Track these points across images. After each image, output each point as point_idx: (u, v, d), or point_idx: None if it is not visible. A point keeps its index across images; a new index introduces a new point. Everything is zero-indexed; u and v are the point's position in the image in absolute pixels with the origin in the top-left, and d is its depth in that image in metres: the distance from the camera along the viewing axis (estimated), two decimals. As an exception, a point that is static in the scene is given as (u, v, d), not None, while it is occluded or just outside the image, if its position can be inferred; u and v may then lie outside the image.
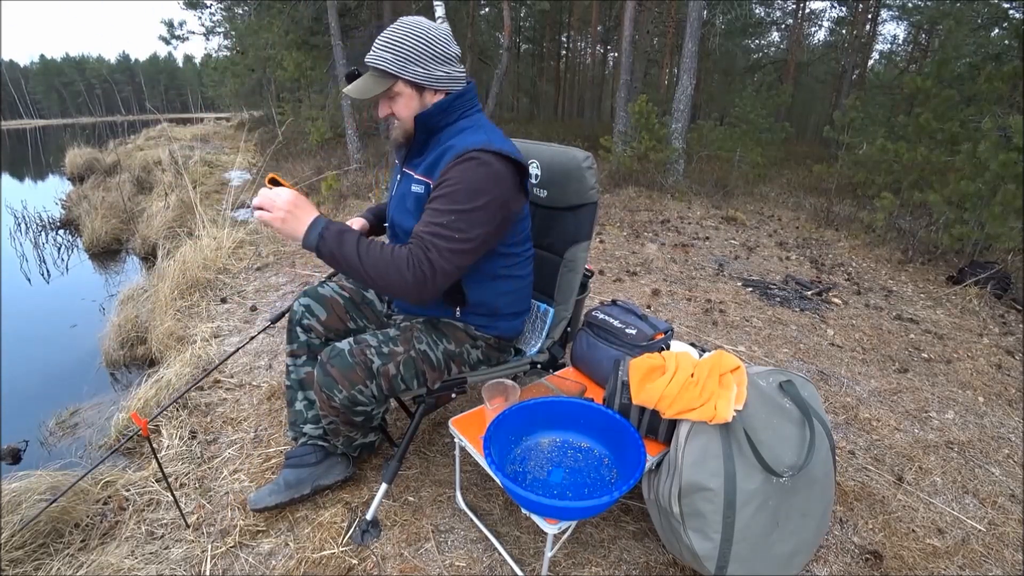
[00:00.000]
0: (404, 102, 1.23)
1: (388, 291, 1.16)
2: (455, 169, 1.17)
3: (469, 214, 1.15)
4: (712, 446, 1.15)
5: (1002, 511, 1.64)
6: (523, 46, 22.04)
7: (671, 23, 12.13)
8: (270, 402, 2.02)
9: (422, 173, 1.28)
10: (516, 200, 1.26)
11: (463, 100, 1.27)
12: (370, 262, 1.12)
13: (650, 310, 3.03)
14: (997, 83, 4.24)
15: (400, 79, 1.19)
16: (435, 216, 1.16)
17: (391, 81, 1.19)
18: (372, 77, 1.21)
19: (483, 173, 1.17)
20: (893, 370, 2.51)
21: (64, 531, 1.44)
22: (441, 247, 1.14)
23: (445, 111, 1.25)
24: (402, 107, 1.23)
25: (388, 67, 1.18)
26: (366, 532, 1.39)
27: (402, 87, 1.21)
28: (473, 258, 1.21)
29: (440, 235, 1.14)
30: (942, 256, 4.36)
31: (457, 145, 1.21)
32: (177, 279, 3.20)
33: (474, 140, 1.20)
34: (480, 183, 1.16)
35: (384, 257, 1.13)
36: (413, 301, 1.20)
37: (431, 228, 1.15)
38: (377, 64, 1.19)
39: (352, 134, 7.93)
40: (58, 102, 66.75)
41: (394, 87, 1.20)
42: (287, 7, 9.49)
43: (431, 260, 1.13)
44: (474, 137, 1.21)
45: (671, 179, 6.97)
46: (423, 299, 1.18)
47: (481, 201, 1.16)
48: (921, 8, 12.40)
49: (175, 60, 75.52)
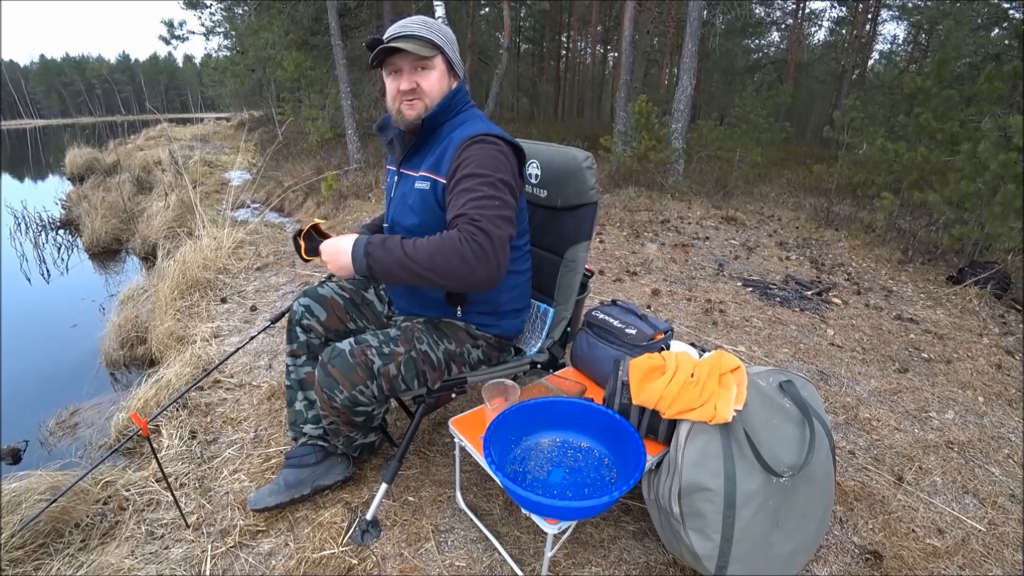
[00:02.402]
0: (437, 77, 1.27)
1: (452, 280, 1.09)
2: (468, 151, 1.21)
3: (498, 183, 1.17)
4: (712, 446, 1.15)
5: (1002, 511, 1.63)
6: (523, 46, 22.05)
7: (671, 23, 12.13)
8: (270, 402, 2.02)
9: (427, 169, 1.29)
10: (519, 184, 1.29)
11: (460, 97, 1.33)
12: (421, 256, 1.07)
13: (650, 310, 3.03)
14: (997, 83, 4.23)
15: (441, 53, 1.26)
16: (469, 192, 1.15)
17: (435, 52, 1.24)
18: (417, 44, 1.22)
19: (494, 151, 1.21)
20: (893, 370, 2.51)
21: (64, 531, 1.44)
22: (489, 215, 1.11)
23: (446, 108, 1.30)
24: (435, 82, 1.26)
25: (436, 39, 1.24)
26: (366, 532, 1.39)
27: (440, 62, 1.26)
28: (514, 227, 1.19)
29: (484, 205, 1.13)
30: (942, 256, 4.36)
31: (458, 136, 1.26)
32: (177, 279, 3.20)
33: (475, 128, 1.26)
34: (494, 158, 1.20)
35: (432, 245, 1.08)
36: (482, 283, 1.10)
37: (472, 203, 1.12)
38: (422, 34, 1.23)
39: (352, 134, 7.92)
40: (58, 102, 66.78)
41: (435, 59, 1.25)
42: (287, 7, 9.49)
43: (484, 230, 1.08)
44: (474, 126, 1.28)
45: (671, 179, 6.97)
46: (491, 276, 1.10)
47: (501, 173, 1.19)
48: (921, 8, 12.41)
49: (175, 60, 75.62)
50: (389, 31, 1.26)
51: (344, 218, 5.40)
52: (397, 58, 1.23)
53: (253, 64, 13.13)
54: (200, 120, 26.89)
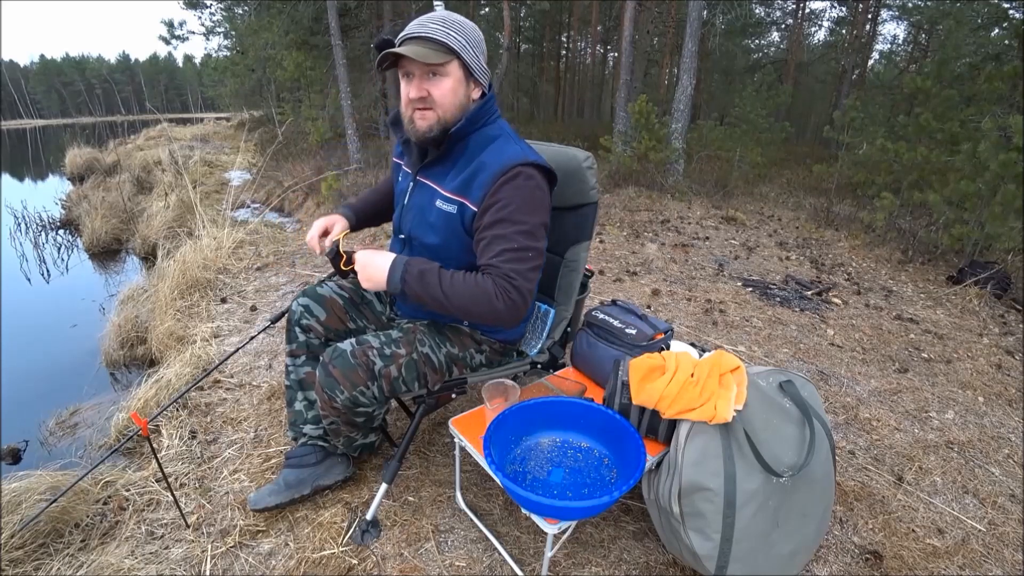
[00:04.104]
0: (451, 86, 1.14)
1: (480, 321, 1.20)
2: (505, 188, 1.15)
3: (532, 230, 1.17)
4: (712, 446, 1.15)
5: (1002, 511, 1.63)
6: (523, 46, 22.03)
7: (671, 23, 12.13)
8: (270, 402, 2.02)
9: (453, 191, 1.22)
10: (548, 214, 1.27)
11: (488, 106, 1.24)
12: (456, 299, 1.14)
13: (650, 310, 3.03)
14: (997, 83, 4.23)
15: (458, 59, 1.13)
16: (504, 242, 1.15)
17: (449, 57, 1.11)
18: (427, 47, 1.10)
19: (531, 187, 1.17)
20: (893, 370, 2.51)
21: (64, 531, 1.44)
22: (521, 270, 1.15)
23: (475, 117, 1.21)
24: (448, 91, 1.14)
25: (451, 42, 1.11)
26: (366, 532, 1.39)
27: (455, 68, 1.14)
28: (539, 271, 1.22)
29: (517, 259, 1.15)
30: (942, 256, 4.36)
31: (493, 161, 1.18)
32: (177, 279, 3.20)
33: (511, 153, 1.18)
34: (532, 198, 1.18)
35: (469, 289, 1.14)
36: (507, 326, 1.20)
37: (506, 255, 1.14)
38: (436, 36, 1.10)
39: (352, 134, 7.92)
40: (58, 102, 66.78)
41: (448, 65, 1.12)
42: (287, 7, 9.49)
43: (517, 287, 1.14)
44: (509, 149, 1.20)
45: (671, 179, 6.97)
46: (516, 320, 1.18)
47: (538, 216, 1.19)
48: (921, 8, 12.40)
49: (175, 60, 75.66)
50: (406, 29, 1.14)
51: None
52: (407, 60, 1.11)
53: (253, 64, 13.12)
54: (200, 120, 26.88)
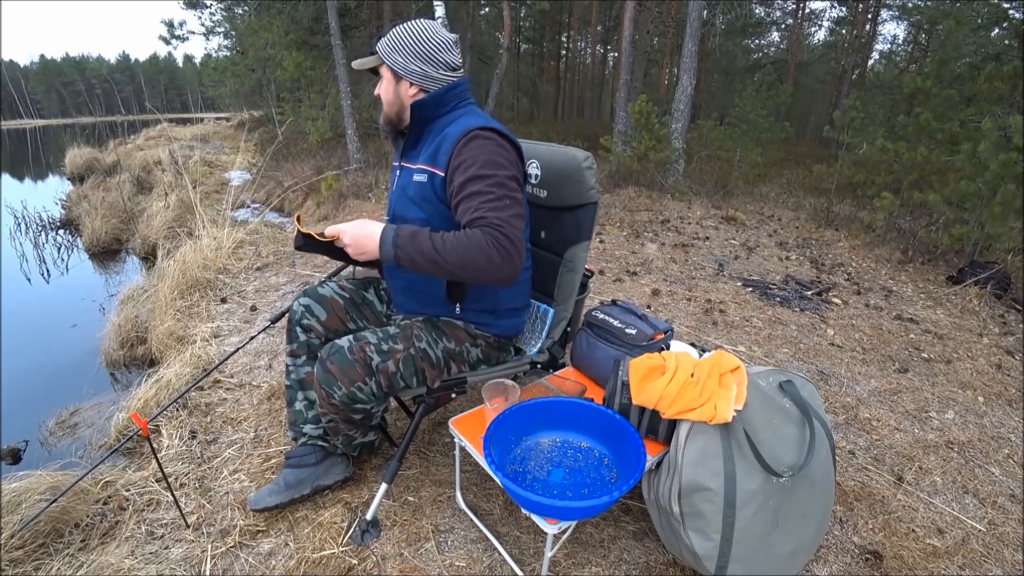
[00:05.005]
0: (384, 85, 1.35)
1: (478, 277, 1.15)
2: (465, 149, 1.21)
3: (503, 182, 1.19)
4: (712, 446, 1.15)
5: (1002, 511, 1.63)
6: (523, 46, 22.04)
7: (671, 23, 12.13)
8: (270, 402, 2.02)
9: (423, 162, 1.31)
10: (522, 177, 1.30)
11: (456, 92, 1.33)
12: (450, 255, 1.13)
13: (650, 310, 3.03)
14: (997, 83, 4.23)
15: (383, 63, 1.33)
16: (480, 196, 1.17)
17: (377, 62, 1.34)
18: (366, 56, 1.36)
19: (493, 146, 1.22)
20: (893, 370, 2.51)
21: (64, 531, 1.44)
22: (505, 217, 1.15)
23: (439, 103, 1.32)
24: (382, 89, 1.36)
25: (380, 49, 1.33)
26: (366, 532, 1.39)
27: (385, 71, 1.34)
28: (524, 222, 1.23)
29: (498, 208, 1.15)
30: (942, 256, 4.37)
31: (454, 132, 1.26)
32: (177, 279, 3.20)
33: (471, 122, 1.26)
34: (493, 154, 1.21)
35: (462, 243, 1.13)
36: (505, 280, 1.17)
37: (486, 206, 1.15)
38: (374, 47, 1.36)
39: (352, 134, 7.93)
40: (58, 102, 66.78)
41: (380, 68, 1.35)
42: (287, 7, 9.49)
43: (507, 235, 1.13)
44: (471, 120, 1.28)
45: (671, 179, 6.97)
46: (514, 273, 1.16)
47: (504, 170, 1.21)
48: (921, 8, 12.40)
49: (175, 60, 75.60)
50: None
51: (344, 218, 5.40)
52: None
53: (253, 64, 13.13)
54: (200, 120, 26.90)
